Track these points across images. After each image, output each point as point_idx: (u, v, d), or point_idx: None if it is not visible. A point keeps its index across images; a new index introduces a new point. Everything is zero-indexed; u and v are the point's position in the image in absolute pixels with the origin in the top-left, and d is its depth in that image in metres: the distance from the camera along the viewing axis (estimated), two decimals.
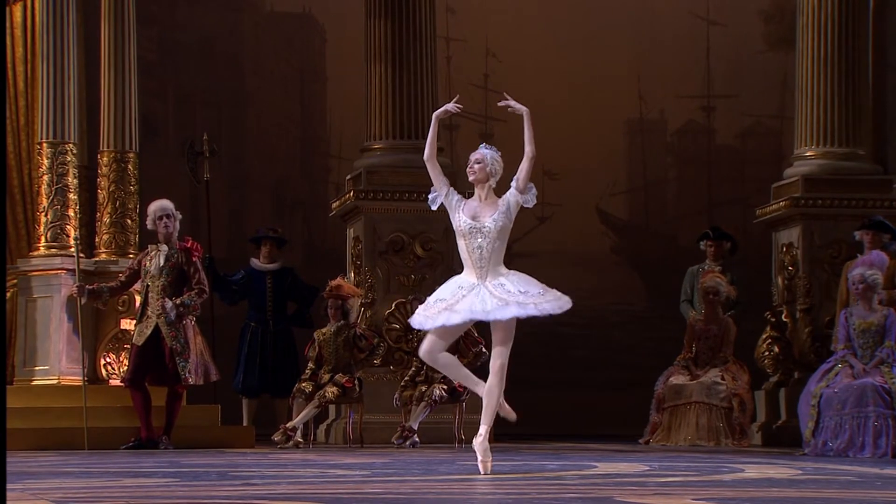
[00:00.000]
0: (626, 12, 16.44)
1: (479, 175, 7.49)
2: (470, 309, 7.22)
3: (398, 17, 12.69)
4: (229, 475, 7.17)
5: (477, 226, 7.38)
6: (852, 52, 12.56)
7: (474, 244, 7.36)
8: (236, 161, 16.01)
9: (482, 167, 7.50)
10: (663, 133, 16.81)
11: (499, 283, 7.28)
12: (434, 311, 7.27)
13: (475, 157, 7.57)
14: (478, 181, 7.50)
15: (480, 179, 7.49)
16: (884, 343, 10.30)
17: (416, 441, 11.29)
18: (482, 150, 7.60)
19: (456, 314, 7.23)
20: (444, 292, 7.34)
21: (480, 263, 7.33)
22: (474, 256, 7.35)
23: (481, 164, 7.51)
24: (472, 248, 7.36)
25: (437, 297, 7.36)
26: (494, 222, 7.38)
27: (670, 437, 12.28)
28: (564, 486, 6.59)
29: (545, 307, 7.24)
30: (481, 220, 7.39)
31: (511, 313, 7.20)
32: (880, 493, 6.23)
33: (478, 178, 7.49)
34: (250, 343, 12.68)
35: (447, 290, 7.35)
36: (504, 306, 7.20)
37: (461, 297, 7.26)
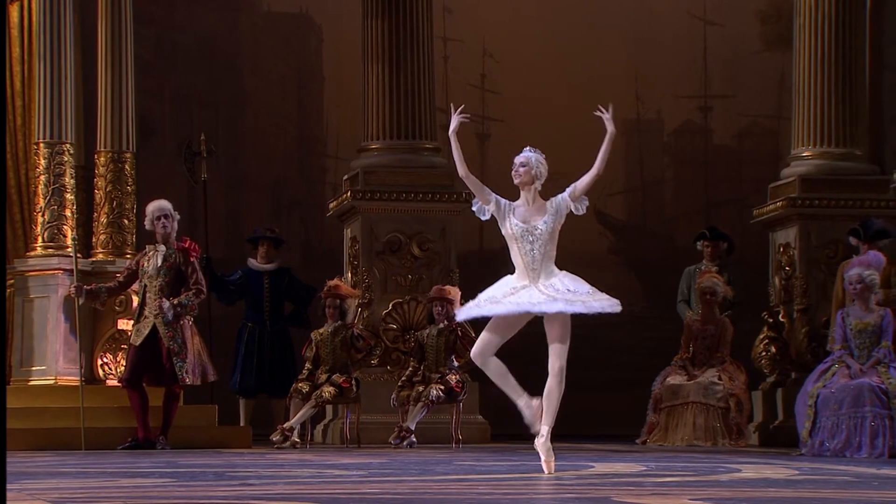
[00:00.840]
0: (623, 12, 16.44)
1: (524, 178, 7.49)
2: (517, 301, 7.24)
3: (395, 17, 12.69)
4: (226, 475, 7.17)
5: (529, 229, 7.39)
6: (849, 53, 12.57)
7: (526, 248, 7.38)
8: (234, 161, 16.00)
9: (527, 170, 7.50)
10: (660, 133, 16.81)
11: (549, 284, 7.32)
12: (483, 306, 7.29)
13: (520, 160, 7.56)
14: (523, 184, 7.50)
15: (526, 182, 7.49)
16: (880, 343, 10.31)
17: (414, 441, 11.30)
18: (526, 153, 7.58)
19: (501, 305, 7.25)
20: (496, 291, 7.37)
21: (533, 266, 7.36)
22: (526, 259, 7.37)
23: (526, 167, 7.51)
24: (524, 252, 7.38)
25: (487, 295, 7.38)
26: (546, 224, 7.41)
27: (667, 437, 12.28)
28: (562, 486, 6.59)
29: (594, 305, 7.27)
30: (533, 223, 7.41)
31: (558, 308, 7.22)
32: (877, 494, 6.24)
33: (523, 182, 7.50)
34: (247, 343, 12.68)
35: (499, 289, 7.38)
36: (552, 301, 7.21)
37: (511, 293, 7.26)
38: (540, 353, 7.68)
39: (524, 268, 7.36)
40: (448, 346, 11.64)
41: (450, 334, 11.62)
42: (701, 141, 16.69)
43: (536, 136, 18.28)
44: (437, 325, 11.68)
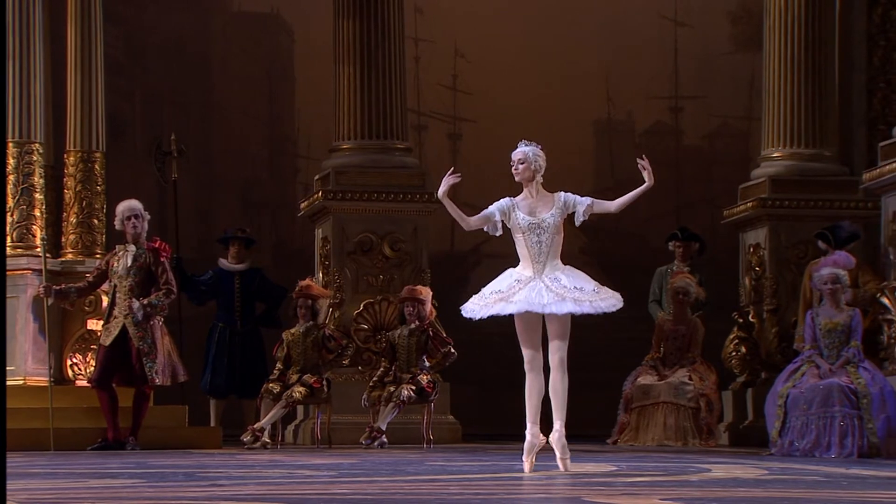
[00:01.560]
0: (594, 14, 16.47)
1: (524, 174, 7.48)
2: (527, 301, 7.23)
3: (366, 17, 12.67)
4: (196, 476, 7.15)
5: (536, 221, 7.39)
6: (818, 54, 12.62)
7: (533, 240, 7.38)
8: (204, 161, 15.95)
9: (526, 166, 7.49)
10: (631, 134, 16.85)
11: (555, 278, 7.31)
12: (490, 301, 7.26)
13: (517, 156, 7.53)
14: (525, 180, 7.49)
15: (527, 178, 7.48)
16: (850, 343, 10.35)
17: (385, 441, 11.29)
18: (523, 149, 7.54)
19: (511, 304, 7.25)
20: (500, 284, 7.35)
21: (539, 258, 7.36)
22: (533, 251, 7.37)
23: (525, 163, 7.49)
24: (530, 244, 7.37)
25: (491, 288, 7.36)
26: (553, 218, 7.41)
27: (638, 437, 12.31)
28: (532, 486, 6.59)
29: (600, 305, 7.30)
30: (539, 216, 7.40)
31: (567, 309, 7.23)
32: (846, 493, 6.26)
33: (524, 178, 7.49)
34: (218, 343, 12.65)
35: (503, 282, 7.36)
36: (561, 301, 7.23)
37: (517, 289, 7.27)
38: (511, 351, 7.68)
39: (530, 260, 7.37)
40: (419, 346, 11.64)
41: (421, 334, 11.61)
42: (672, 142, 16.73)
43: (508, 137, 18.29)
44: (409, 326, 11.67)
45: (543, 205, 7.44)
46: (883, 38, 13.07)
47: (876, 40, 13.08)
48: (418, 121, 16.26)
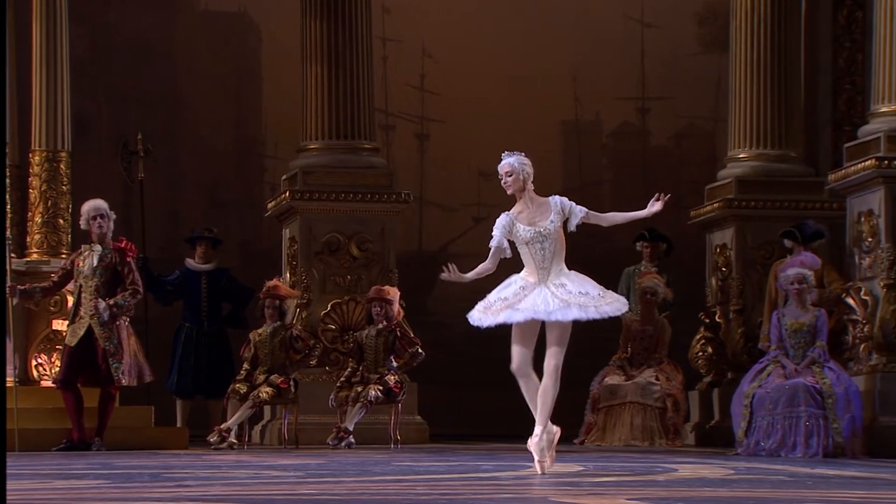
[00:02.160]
0: (561, 14, 16.50)
1: (515, 186, 7.48)
2: (533, 308, 7.24)
3: (334, 16, 12.66)
4: (162, 477, 7.12)
5: (538, 230, 7.39)
6: (784, 55, 12.68)
7: (537, 248, 7.39)
8: (171, 161, 15.90)
9: (514, 178, 7.48)
10: (599, 135, 16.89)
11: (560, 284, 7.32)
12: (496, 309, 7.26)
13: (504, 169, 7.51)
14: (517, 191, 7.49)
15: (518, 189, 7.48)
16: (815, 343, 10.40)
17: (352, 442, 11.27)
18: (507, 160, 7.53)
19: (518, 313, 7.26)
20: (506, 291, 7.35)
21: (543, 265, 7.38)
22: (538, 259, 7.38)
23: (512, 174, 7.49)
24: (534, 252, 7.38)
25: (497, 295, 7.36)
26: (552, 223, 7.42)
27: (605, 437, 12.34)
28: (499, 487, 6.60)
29: (605, 309, 7.31)
30: (541, 224, 7.40)
31: (573, 315, 7.24)
32: (811, 493, 6.29)
33: (516, 189, 7.49)
34: (185, 344, 12.61)
35: (508, 289, 7.36)
36: (566, 308, 7.24)
37: (523, 296, 7.27)
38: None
39: (535, 267, 7.38)
40: (387, 346, 11.63)
41: (389, 335, 11.60)
42: (639, 142, 16.78)
43: (475, 137, 18.41)
44: (376, 326, 11.66)
45: (541, 212, 7.45)
46: (848, 40, 13.14)
47: (841, 42, 13.16)
48: (386, 121, 16.25)
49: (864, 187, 10.79)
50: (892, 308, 10.44)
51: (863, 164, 10.66)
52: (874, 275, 10.66)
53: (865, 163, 10.63)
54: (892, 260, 10.50)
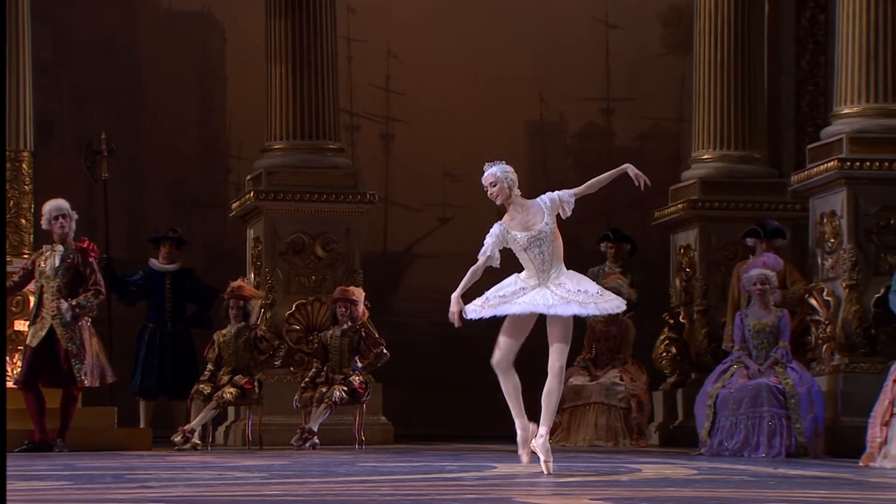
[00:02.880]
0: (526, 15, 16.53)
1: (501, 196, 7.47)
2: (532, 302, 7.27)
3: (298, 16, 12.64)
4: (125, 478, 7.09)
5: (534, 234, 7.40)
6: (748, 57, 12.74)
7: (535, 252, 7.41)
8: (135, 160, 15.83)
9: (500, 187, 7.46)
10: (563, 135, 16.92)
11: (560, 283, 7.36)
12: (493, 304, 7.30)
13: (487, 180, 7.48)
14: (504, 200, 7.47)
15: (505, 197, 7.47)
16: (778, 344, 10.45)
17: (316, 443, 11.26)
18: (490, 171, 7.49)
19: (516, 305, 7.28)
20: (505, 289, 7.37)
21: (544, 267, 7.41)
22: (537, 263, 7.41)
23: (496, 184, 7.47)
24: (533, 257, 7.41)
25: (496, 292, 7.37)
26: (547, 225, 7.44)
27: (570, 437, 12.36)
28: (463, 487, 6.60)
29: (605, 306, 7.37)
30: (535, 227, 7.42)
31: (573, 311, 7.27)
32: (773, 493, 6.32)
33: (503, 198, 7.47)
34: (148, 344, 12.56)
35: (508, 287, 7.38)
36: (566, 303, 7.26)
37: (522, 294, 7.30)
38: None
39: (535, 270, 7.40)
40: (352, 346, 11.61)
41: (353, 335, 11.59)
42: (603, 143, 16.82)
43: (440, 137, 18.39)
44: (341, 326, 11.65)
45: (533, 215, 7.47)
46: (811, 42, 13.22)
47: (804, 44, 13.23)
48: (351, 121, 16.23)
49: (826, 188, 10.86)
50: (854, 309, 10.50)
51: (825, 166, 10.72)
52: (837, 275, 10.72)
53: (828, 164, 10.69)
54: (854, 261, 10.57)
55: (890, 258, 10.50)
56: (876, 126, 10.61)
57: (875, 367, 10.32)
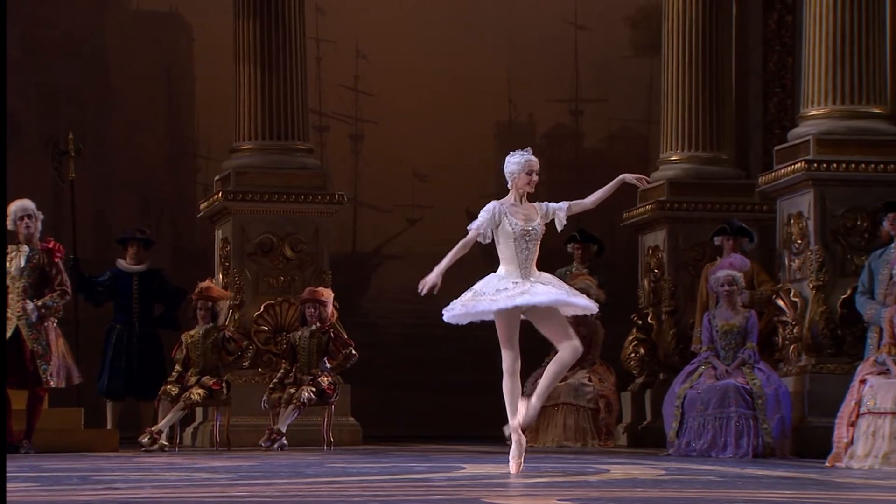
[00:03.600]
0: (495, 16, 16.54)
1: (534, 188, 7.60)
2: (519, 294, 7.32)
3: (267, 17, 12.61)
4: (91, 479, 7.06)
5: (528, 228, 7.50)
6: (716, 59, 12.78)
7: (522, 246, 7.49)
8: (102, 160, 15.76)
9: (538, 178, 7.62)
10: (532, 136, 16.93)
11: (540, 282, 7.44)
12: (475, 301, 7.33)
13: (536, 167, 7.67)
14: (530, 190, 7.58)
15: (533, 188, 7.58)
16: (745, 344, 10.49)
17: (284, 443, 11.23)
18: (536, 160, 7.67)
19: (497, 302, 7.31)
20: (487, 287, 7.40)
21: (526, 264, 7.49)
22: (521, 258, 7.48)
23: (537, 175, 7.65)
24: (520, 250, 7.49)
25: (476, 290, 7.41)
26: (540, 227, 7.56)
27: (538, 438, 12.38)
28: (432, 488, 6.60)
29: (584, 303, 7.52)
30: (531, 224, 7.51)
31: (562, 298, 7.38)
32: (741, 493, 6.34)
33: (532, 191, 7.58)
34: (115, 345, 12.51)
35: (489, 285, 7.41)
36: (555, 294, 7.36)
37: (503, 287, 7.33)
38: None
39: (517, 265, 7.47)
40: (320, 347, 11.60)
41: (322, 336, 11.58)
42: (572, 144, 16.85)
43: (409, 138, 18.37)
44: (310, 327, 11.63)
45: (532, 213, 7.58)
46: (778, 44, 13.28)
47: (771, 45, 13.29)
48: (320, 122, 16.21)
49: (793, 190, 10.91)
50: (821, 310, 10.56)
51: (792, 167, 10.77)
52: (803, 276, 10.77)
53: (795, 165, 10.74)
54: (821, 262, 10.62)
55: (856, 259, 10.56)
56: (842, 128, 10.67)
57: (841, 367, 10.38)
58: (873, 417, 8.74)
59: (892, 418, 8.65)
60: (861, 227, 10.65)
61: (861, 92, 10.63)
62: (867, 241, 10.58)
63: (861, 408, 8.82)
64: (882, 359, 8.98)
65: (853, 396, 8.94)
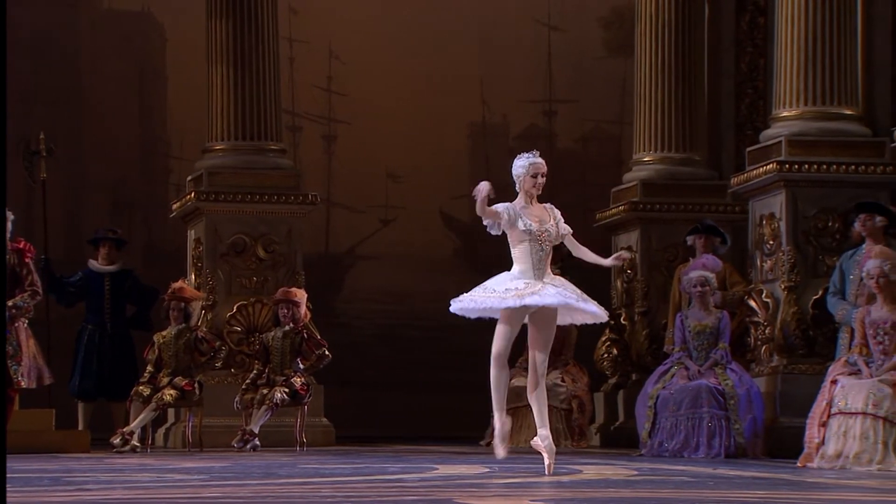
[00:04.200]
0: (469, 17, 16.55)
1: (541, 190, 7.58)
2: (538, 295, 7.31)
3: (239, 16, 12.58)
4: (63, 481, 7.03)
5: (543, 230, 7.50)
6: (688, 60, 12.82)
7: (535, 247, 7.49)
8: (74, 161, 15.71)
9: (545, 180, 7.58)
10: (506, 137, 16.96)
11: (552, 283, 7.45)
12: (493, 295, 7.32)
13: (542, 170, 7.58)
14: (538, 192, 7.56)
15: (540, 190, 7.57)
16: (718, 345, 10.53)
17: (257, 444, 11.21)
18: (543, 162, 7.62)
19: (509, 300, 7.28)
20: (497, 284, 7.40)
21: (540, 265, 7.50)
22: (535, 259, 7.48)
23: (545, 177, 7.59)
24: (534, 251, 7.48)
25: (486, 287, 7.40)
26: (554, 229, 7.55)
27: (511, 438, 12.35)
28: (405, 489, 6.59)
29: (595, 309, 7.54)
30: (544, 226, 7.51)
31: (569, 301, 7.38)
32: (712, 493, 6.36)
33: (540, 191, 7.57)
34: (87, 346, 12.46)
35: (500, 282, 7.41)
36: (565, 296, 7.37)
37: (514, 287, 7.30)
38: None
39: (531, 266, 7.47)
40: (293, 348, 11.58)
41: (295, 336, 11.56)
42: (545, 145, 16.86)
43: (382, 139, 18.34)
44: (283, 328, 11.61)
45: (543, 215, 7.56)
46: (750, 45, 13.32)
47: (744, 46, 13.33)
48: (293, 122, 16.19)
49: (765, 190, 10.95)
50: (792, 310, 10.59)
51: (764, 168, 10.81)
52: (775, 277, 10.81)
53: (767, 166, 10.78)
54: (792, 263, 10.66)
55: (828, 260, 10.60)
56: (814, 129, 10.71)
57: (813, 368, 10.42)
58: (844, 418, 8.77)
59: (863, 418, 8.68)
60: (833, 227, 10.70)
61: (833, 93, 10.67)
62: (839, 241, 10.62)
63: (832, 408, 8.86)
64: (853, 359, 9.02)
65: (824, 397, 8.97)
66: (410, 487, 6.68)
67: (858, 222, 9.80)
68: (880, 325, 8.92)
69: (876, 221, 9.70)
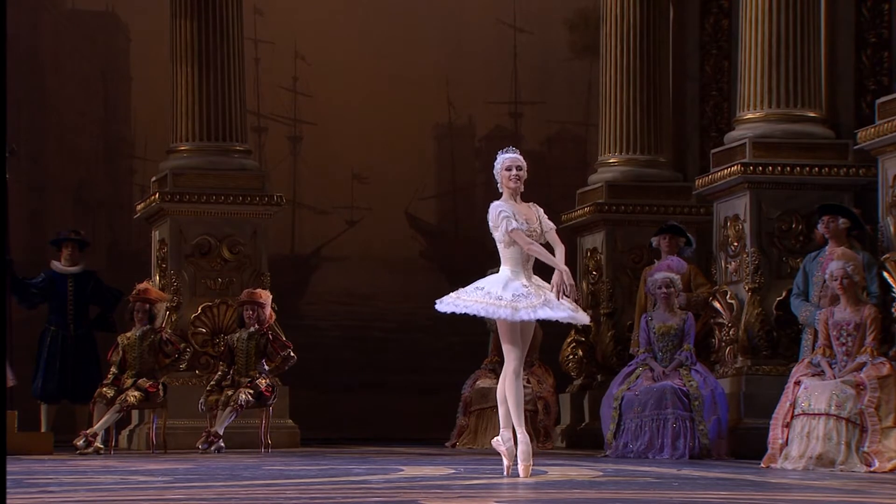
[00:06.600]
0: (434, 18, 16.55)
1: (522, 181, 7.49)
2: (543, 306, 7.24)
3: (204, 17, 12.54)
4: (25, 483, 6.98)
5: (532, 228, 7.45)
6: (654, 62, 12.86)
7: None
8: (36, 161, 15.62)
9: (524, 172, 7.50)
10: (472, 138, 16.97)
11: (541, 287, 7.37)
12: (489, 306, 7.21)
13: (516, 163, 7.48)
14: (518, 186, 7.47)
15: (520, 188, 7.48)
16: (682, 346, 10.56)
17: (222, 446, 11.18)
18: (515, 155, 7.52)
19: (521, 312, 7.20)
20: (496, 288, 7.30)
21: (528, 265, 7.45)
22: (523, 258, 7.43)
23: (521, 169, 7.50)
24: (523, 250, 7.40)
25: (486, 292, 7.29)
26: (541, 227, 7.49)
27: (477, 440, 12.39)
28: (370, 491, 6.59)
29: (584, 318, 7.49)
30: (531, 225, 7.46)
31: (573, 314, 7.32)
32: (677, 494, 6.38)
33: (520, 184, 7.48)
34: (50, 347, 12.39)
35: (497, 285, 7.31)
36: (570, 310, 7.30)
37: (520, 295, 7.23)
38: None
39: (521, 265, 7.41)
40: (258, 349, 11.55)
41: (260, 338, 11.53)
42: (511, 146, 16.88)
43: (348, 139, 18.33)
44: (248, 329, 11.58)
45: (530, 214, 7.51)
46: (715, 48, 13.37)
47: (708, 49, 13.37)
48: (258, 123, 16.14)
49: (730, 192, 10.99)
50: (756, 312, 10.64)
51: (729, 170, 10.85)
52: (740, 279, 10.85)
53: (731, 168, 10.82)
54: (756, 264, 10.70)
55: (791, 262, 10.65)
56: (778, 131, 10.76)
57: (777, 369, 10.46)
58: (808, 419, 8.81)
59: (826, 419, 8.73)
60: (796, 229, 10.75)
61: (796, 96, 10.72)
62: (802, 243, 10.67)
63: (796, 409, 8.90)
64: (817, 360, 9.07)
65: (788, 398, 9.01)
66: (376, 489, 6.67)
67: (822, 224, 9.84)
68: (843, 326, 8.97)
69: (839, 223, 9.75)
